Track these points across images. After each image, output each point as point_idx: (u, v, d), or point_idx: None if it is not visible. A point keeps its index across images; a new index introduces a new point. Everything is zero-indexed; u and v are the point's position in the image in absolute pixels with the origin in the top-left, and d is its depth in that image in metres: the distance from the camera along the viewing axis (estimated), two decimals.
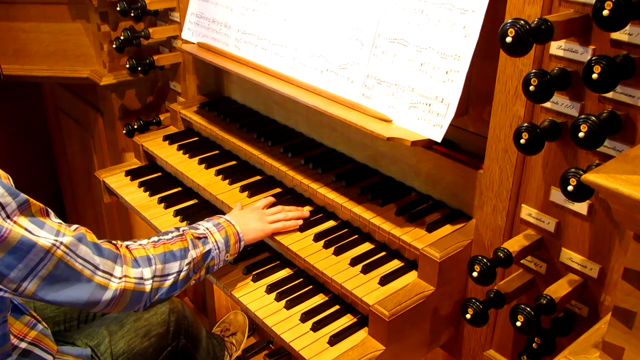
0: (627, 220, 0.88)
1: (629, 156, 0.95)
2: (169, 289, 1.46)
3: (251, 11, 1.97)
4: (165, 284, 1.45)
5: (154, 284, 1.42)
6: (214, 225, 1.62)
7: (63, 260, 1.24)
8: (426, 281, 1.51)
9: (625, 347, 0.95)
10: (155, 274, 1.42)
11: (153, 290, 1.42)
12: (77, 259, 1.27)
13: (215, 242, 1.58)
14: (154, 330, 1.79)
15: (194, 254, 1.52)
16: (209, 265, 1.57)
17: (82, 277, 1.27)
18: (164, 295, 1.46)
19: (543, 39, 1.13)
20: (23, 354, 1.39)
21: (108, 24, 2.44)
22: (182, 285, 1.50)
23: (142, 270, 1.40)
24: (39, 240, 1.19)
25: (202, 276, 1.57)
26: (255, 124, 2.16)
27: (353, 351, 1.45)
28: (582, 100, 1.22)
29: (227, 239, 1.60)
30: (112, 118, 2.67)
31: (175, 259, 1.48)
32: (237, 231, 1.63)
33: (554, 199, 1.32)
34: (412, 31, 1.50)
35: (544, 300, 1.27)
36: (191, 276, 1.52)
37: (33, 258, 1.19)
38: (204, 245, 1.55)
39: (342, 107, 1.64)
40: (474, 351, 1.62)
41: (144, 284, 1.40)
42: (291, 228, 1.73)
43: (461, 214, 1.62)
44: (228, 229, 1.62)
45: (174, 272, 1.46)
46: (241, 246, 1.64)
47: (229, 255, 1.61)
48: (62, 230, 1.26)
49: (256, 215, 1.71)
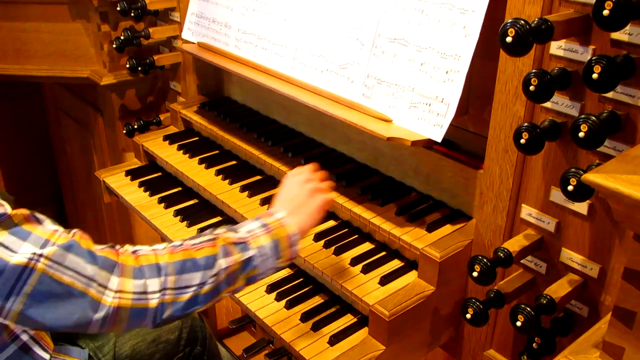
0: (627, 220, 0.88)
1: (629, 156, 0.95)
2: (186, 304, 1.21)
3: (251, 11, 1.97)
4: (181, 298, 1.20)
5: (163, 297, 1.18)
6: (261, 226, 1.33)
7: (47, 274, 1.07)
8: (426, 281, 1.51)
9: (625, 347, 0.95)
10: (165, 286, 1.18)
11: (162, 305, 1.18)
12: (66, 270, 1.09)
13: (260, 248, 1.30)
14: (164, 336, 1.71)
15: (224, 263, 1.25)
16: (249, 275, 1.30)
17: (73, 291, 1.09)
18: (179, 311, 1.21)
19: (543, 39, 1.13)
20: (23, 347, 1.32)
21: (108, 24, 2.44)
22: (208, 300, 1.25)
23: (147, 281, 1.17)
24: (12, 258, 1.04)
25: (240, 288, 1.31)
26: (256, 124, 2.16)
27: (353, 351, 1.45)
28: (582, 100, 1.22)
29: (277, 243, 1.32)
30: (112, 118, 2.67)
31: (197, 268, 1.22)
32: (290, 234, 1.34)
33: (554, 199, 1.32)
34: (412, 31, 1.50)
35: (544, 300, 1.27)
36: (222, 289, 1.26)
37: (9, 277, 1.04)
38: (242, 252, 1.28)
39: (342, 107, 1.64)
40: (474, 351, 1.62)
41: (146, 299, 1.16)
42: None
43: (461, 214, 1.62)
44: (278, 231, 1.33)
45: (194, 285, 1.21)
46: (295, 250, 1.35)
47: (280, 262, 1.34)
48: (53, 239, 1.10)
49: (305, 197, 1.43)
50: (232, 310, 2.83)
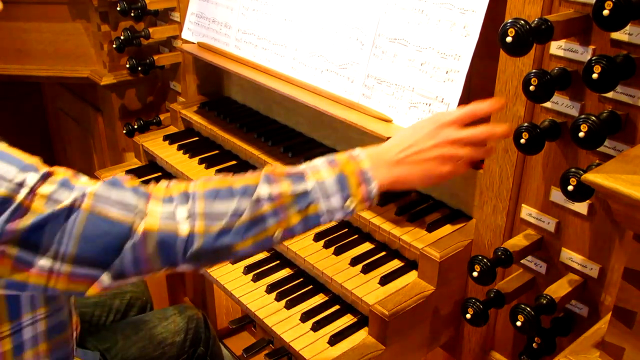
0: (627, 220, 0.88)
1: (629, 156, 0.95)
2: (219, 235, 1.04)
3: (251, 11, 1.97)
4: (212, 228, 1.03)
5: (193, 226, 1.02)
6: (326, 161, 1.13)
7: (91, 214, 0.99)
8: (426, 281, 1.51)
9: (625, 347, 0.95)
10: (194, 212, 1.03)
11: (192, 235, 1.02)
12: (105, 205, 1.00)
13: (320, 183, 1.09)
14: (170, 338, 1.70)
15: (267, 192, 1.06)
16: (307, 213, 1.08)
17: (115, 224, 1.00)
18: (210, 244, 1.03)
19: (543, 39, 1.13)
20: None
21: (108, 24, 2.44)
22: (247, 232, 1.05)
23: (176, 208, 1.03)
24: (64, 202, 0.98)
25: (296, 229, 1.09)
26: (256, 124, 2.16)
27: (353, 351, 1.45)
28: (582, 100, 1.22)
29: (343, 178, 1.10)
30: (112, 118, 2.67)
31: (231, 195, 1.05)
32: (362, 169, 1.12)
33: (554, 198, 1.32)
34: (412, 31, 1.50)
35: (544, 300, 1.27)
36: (268, 223, 1.06)
37: (58, 218, 0.97)
38: (294, 183, 1.08)
39: (342, 107, 1.64)
40: (474, 351, 1.62)
41: (175, 224, 1.02)
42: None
43: (461, 214, 1.62)
44: (345, 165, 1.12)
45: (227, 213, 1.04)
46: (371, 190, 1.12)
47: (351, 204, 1.11)
48: (91, 184, 1.03)
49: (427, 148, 1.16)
50: (232, 310, 2.83)
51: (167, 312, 1.77)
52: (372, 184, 1.12)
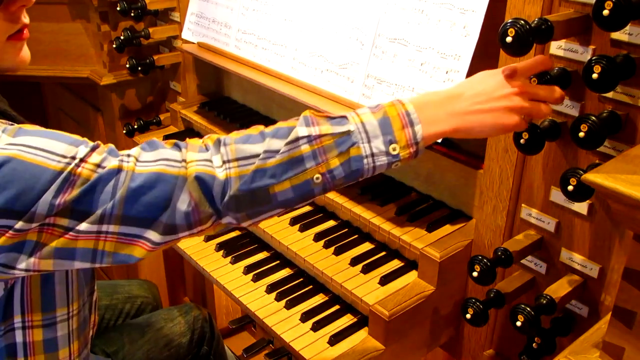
0: (627, 220, 0.88)
1: (629, 156, 0.95)
2: (253, 176, 0.99)
3: (251, 11, 1.97)
4: (246, 170, 0.99)
5: (228, 171, 1.00)
6: (369, 107, 1.07)
7: (137, 172, 0.98)
8: (426, 281, 1.51)
9: (625, 347, 0.95)
10: (227, 158, 1.00)
11: (229, 179, 0.99)
12: (149, 162, 1.00)
13: (361, 125, 1.03)
14: (176, 340, 1.71)
15: (305, 131, 1.01)
16: (349, 155, 1.02)
17: (162, 176, 0.98)
18: (245, 185, 0.99)
19: (543, 39, 1.13)
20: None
21: (108, 24, 2.44)
22: (283, 173, 1.00)
23: (212, 156, 1.01)
24: (110, 165, 0.98)
25: (338, 172, 1.02)
26: (255, 124, 2.15)
27: (353, 351, 1.45)
28: (582, 100, 1.22)
29: (386, 121, 1.03)
30: (112, 118, 2.67)
31: (262, 137, 1.03)
32: (407, 111, 1.04)
33: (554, 199, 1.32)
34: (412, 31, 1.50)
35: (544, 300, 1.27)
36: (308, 164, 1.00)
37: (106, 181, 0.97)
38: (334, 125, 1.03)
39: (342, 107, 1.64)
40: (474, 351, 1.62)
41: (212, 167, 1.00)
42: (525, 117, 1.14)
43: (461, 214, 1.62)
44: (389, 108, 1.05)
45: (260, 152, 1.01)
46: (415, 133, 1.04)
47: (396, 147, 1.03)
48: (128, 151, 1.04)
49: (493, 98, 1.09)
50: (232, 310, 2.83)
51: (173, 313, 1.77)
52: (417, 126, 1.04)
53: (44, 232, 0.95)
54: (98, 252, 0.99)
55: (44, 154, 0.94)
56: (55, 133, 0.98)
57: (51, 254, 0.97)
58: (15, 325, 1.13)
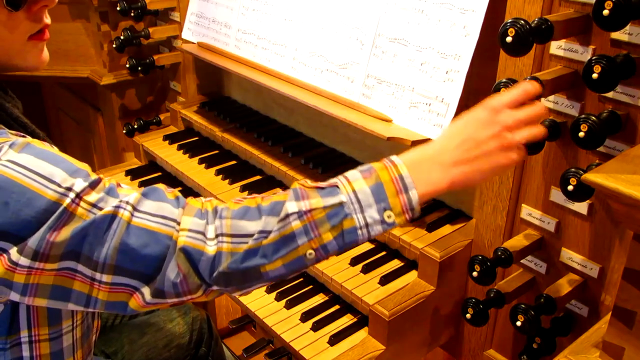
0: (627, 220, 0.88)
1: (629, 156, 0.95)
2: (245, 256, 0.97)
3: (251, 11, 1.97)
4: (239, 248, 0.97)
5: (221, 245, 0.97)
6: (360, 171, 1.02)
7: (133, 224, 0.96)
8: (426, 281, 1.51)
9: (625, 347, 0.95)
10: (221, 232, 0.98)
11: (220, 254, 0.97)
12: (146, 216, 0.98)
13: (353, 194, 0.99)
14: (175, 341, 1.70)
15: (294, 207, 0.98)
16: (343, 228, 0.98)
17: (157, 235, 0.97)
18: (237, 263, 0.97)
19: (543, 39, 1.13)
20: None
21: (108, 23, 2.44)
22: (275, 253, 0.98)
23: (207, 225, 0.99)
24: (105, 209, 0.96)
25: (332, 246, 0.99)
26: (255, 124, 2.16)
27: (353, 351, 1.45)
28: (582, 100, 1.22)
29: (379, 187, 0.99)
30: (112, 118, 2.67)
31: (259, 214, 0.99)
32: (400, 175, 1.00)
33: (554, 198, 1.32)
34: (412, 31, 1.50)
35: (544, 300, 1.27)
36: (300, 241, 0.98)
37: (100, 226, 0.95)
38: (326, 196, 0.99)
39: (342, 107, 1.64)
40: (474, 351, 1.62)
41: (204, 242, 0.97)
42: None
43: (461, 214, 1.62)
44: (381, 172, 1.00)
45: (254, 232, 0.98)
46: (411, 199, 1.00)
47: (391, 215, 0.99)
48: (132, 193, 1.01)
49: (483, 141, 1.03)
50: (232, 310, 2.83)
51: (172, 313, 1.77)
52: (412, 191, 1.00)
53: (36, 274, 0.94)
54: (92, 298, 0.98)
55: (40, 180, 0.93)
56: (57, 158, 0.97)
57: (47, 292, 0.97)
58: (21, 340, 1.12)
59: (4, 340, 1.10)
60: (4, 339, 1.10)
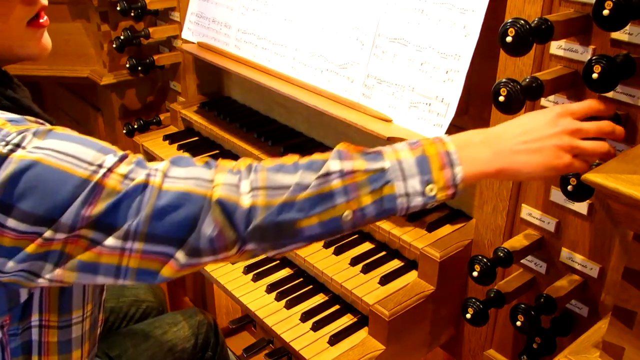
0: (627, 220, 0.88)
1: (629, 156, 0.95)
2: (280, 209, 0.95)
3: (251, 11, 1.97)
4: (274, 201, 0.95)
5: (255, 199, 0.95)
6: (407, 143, 1.02)
7: (164, 189, 0.95)
8: (426, 281, 1.51)
9: (625, 347, 0.95)
10: (256, 185, 0.96)
11: (254, 208, 0.94)
12: (177, 180, 0.96)
13: (397, 162, 0.98)
14: (180, 345, 1.69)
15: (336, 166, 0.97)
16: (382, 193, 0.97)
17: (190, 195, 0.95)
18: (271, 217, 0.95)
19: (543, 39, 1.13)
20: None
21: (108, 23, 2.44)
22: (312, 208, 0.96)
23: (241, 181, 0.97)
24: (137, 179, 0.95)
25: (368, 211, 0.97)
26: (256, 124, 2.16)
27: (353, 351, 1.45)
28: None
29: (424, 160, 0.98)
30: (112, 118, 2.67)
31: (295, 169, 0.98)
32: (447, 151, 0.99)
33: (554, 198, 1.32)
34: (412, 31, 1.50)
35: (544, 300, 1.27)
36: (337, 200, 0.96)
37: (132, 196, 0.94)
38: (369, 161, 0.98)
39: (342, 107, 1.64)
40: (474, 351, 1.62)
41: (238, 194, 0.95)
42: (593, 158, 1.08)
43: (461, 214, 1.62)
44: (428, 146, 1.00)
45: (290, 185, 0.96)
46: (455, 175, 0.98)
47: (434, 188, 0.98)
48: (162, 163, 1.00)
49: (545, 136, 1.02)
50: (232, 310, 2.83)
51: (177, 317, 1.76)
52: (457, 167, 0.98)
53: (69, 244, 0.93)
54: (122, 268, 0.96)
55: (71, 160, 0.92)
56: (85, 139, 0.96)
57: (75, 266, 0.95)
58: (32, 324, 1.13)
59: (17, 326, 1.10)
60: (17, 324, 1.10)
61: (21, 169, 0.89)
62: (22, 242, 0.92)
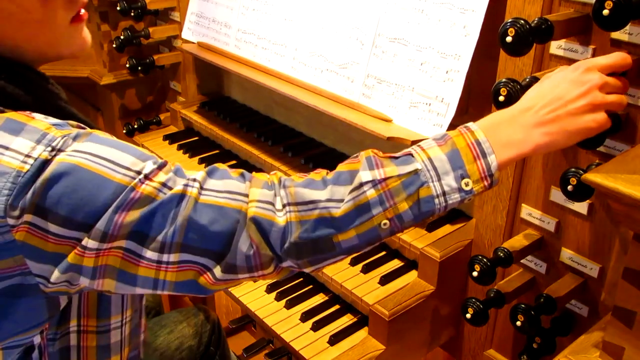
0: (627, 220, 0.88)
1: (629, 156, 0.95)
2: (315, 225, 0.94)
3: (251, 11, 1.97)
4: (307, 216, 0.94)
5: (289, 215, 0.94)
6: (434, 139, 1.00)
7: (201, 202, 0.94)
8: (426, 281, 1.51)
9: (625, 346, 0.95)
10: (287, 202, 0.95)
11: (290, 224, 0.94)
12: (213, 192, 0.95)
13: (428, 161, 0.96)
14: (186, 343, 1.70)
15: (368, 176, 0.95)
16: (419, 196, 0.95)
17: (225, 209, 0.94)
18: (307, 233, 0.94)
19: (543, 39, 1.13)
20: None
21: (108, 23, 2.44)
22: (349, 222, 0.94)
23: (275, 197, 0.96)
24: (175, 189, 0.94)
25: (408, 215, 0.95)
26: (256, 124, 2.16)
27: (353, 351, 1.45)
28: None
29: (455, 154, 0.96)
30: (112, 117, 2.67)
31: (324, 184, 0.97)
32: (477, 140, 0.97)
33: (554, 198, 1.32)
34: (412, 31, 1.50)
35: (544, 300, 1.27)
36: (375, 211, 0.94)
37: (168, 206, 0.92)
38: (400, 165, 0.96)
39: (342, 107, 1.64)
40: (474, 351, 1.62)
41: (273, 211, 0.95)
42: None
43: (461, 214, 1.62)
44: (457, 139, 0.97)
45: (322, 200, 0.95)
46: (489, 164, 0.96)
47: (469, 182, 0.95)
48: (198, 173, 0.98)
49: (571, 99, 0.98)
50: (232, 310, 2.83)
51: (182, 315, 1.77)
52: (490, 157, 0.95)
53: (105, 254, 0.92)
54: (159, 281, 0.95)
55: (110, 165, 0.91)
56: (124, 144, 0.95)
57: (114, 276, 0.94)
58: (70, 329, 1.11)
59: (55, 331, 1.09)
60: (55, 329, 1.09)
61: (60, 173, 0.89)
62: (63, 248, 0.91)
